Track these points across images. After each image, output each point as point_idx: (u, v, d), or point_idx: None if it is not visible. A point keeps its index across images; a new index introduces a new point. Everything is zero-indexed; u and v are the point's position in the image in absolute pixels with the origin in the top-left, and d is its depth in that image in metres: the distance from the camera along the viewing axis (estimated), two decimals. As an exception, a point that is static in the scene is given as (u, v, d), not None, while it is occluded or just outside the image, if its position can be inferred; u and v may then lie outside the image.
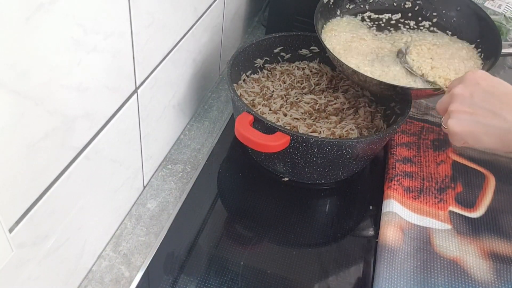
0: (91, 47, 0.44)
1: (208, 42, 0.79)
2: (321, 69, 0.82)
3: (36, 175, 0.42)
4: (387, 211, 0.66)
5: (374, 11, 0.81)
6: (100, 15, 0.44)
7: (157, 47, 0.60)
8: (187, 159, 0.75)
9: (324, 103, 0.74)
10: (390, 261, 0.60)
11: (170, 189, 0.70)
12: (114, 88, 0.52)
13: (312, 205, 0.70)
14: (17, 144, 0.38)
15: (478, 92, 0.51)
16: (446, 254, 0.61)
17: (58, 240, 0.49)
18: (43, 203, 0.44)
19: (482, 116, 0.50)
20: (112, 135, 0.54)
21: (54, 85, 0.40)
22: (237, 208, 0.67)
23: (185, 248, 0.61)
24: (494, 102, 0.50)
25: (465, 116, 0.52)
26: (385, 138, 0.68)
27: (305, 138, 0.61)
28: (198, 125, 0.81)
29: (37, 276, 0.48)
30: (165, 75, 0.65)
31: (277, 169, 0.70)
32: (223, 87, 0.90)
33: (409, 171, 0.72)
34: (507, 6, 0.96)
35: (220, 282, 0.57)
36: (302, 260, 0.61)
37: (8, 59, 0.34)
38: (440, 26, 0.79)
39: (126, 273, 0.59)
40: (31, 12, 0.35)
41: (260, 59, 0.80)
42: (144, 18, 0.54)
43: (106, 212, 0.59)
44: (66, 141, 0.45)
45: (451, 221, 0.66)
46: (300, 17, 0.91)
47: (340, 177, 0.71)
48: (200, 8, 0.71)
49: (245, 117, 0.62)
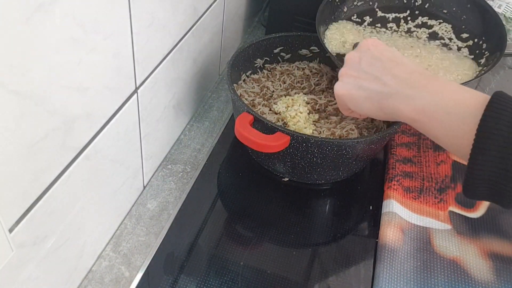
0: (91, 47, 0.44)
1: (208, 42, 0.79)
2: (321, 69, 0.82)
3: (36, 175, 0.42)
4: (387, 211, 0.66)
5: (382, 9, 0.80)
6: (100, 15, 0.44)
7: (157, 47, 0.60)
8: (187, 159, 0.75)
9: (324, 103, 0.74)
10: (390, 261, 0.60)
11: (170, 189, 0.70)
12: (114, 88, 0.52)
13: (312, 205, 0.70)
14: (17, 144, 0.38)
15: (366, 57, 0.52)
16: (446, 254, 0.62)
17: (58, 240, 0.49)
18: (43, 203, 0.44)
19: (364, 80, 0.51)
20: (112, 135, 0.54)
21: (54, 85, 0.40)
22: (237, 208, 0.67)
23: (185, 248, 0.61)
24: (378, 67, 0.50)
25: (350, 79, 0.52)
26: (385, 138, 0.68)
27: (305, 138, 0.61)
28: (198, 125, 0.81)
29: (37, 276, 0.48)
30: (165, 75, 0.65)
31: (277, 169, 0.70)
32: (223, 87, 0.90)
33: (409, 171, 0.72)
34: (507, 6, 0.96)
35: (220, 282, 0.57)
36: (302, 260, 0.61)
37: (8, 59, 0.34)
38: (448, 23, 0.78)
39: (126, 273, 0.59)
40: (31, 12, 0.35)
41: (260, 59, 0.80)
42: (144, 18, 0.54)
43: (106, 212, 0.59)
44: (66, 141, 0.45)
45: (451, 221, 0.66)
46: (300, 17, 0.91)
47: (340, 177, 0.71)
48: (200, 8, 0.71)
49: (245, 117, 0.62)
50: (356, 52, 0.54)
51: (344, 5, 0.79)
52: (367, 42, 0.54)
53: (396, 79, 0.48)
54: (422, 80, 0.46)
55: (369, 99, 0.50)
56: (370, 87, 0.50)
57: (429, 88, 0.45)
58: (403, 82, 0.47)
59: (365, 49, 0.53)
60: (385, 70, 0.50)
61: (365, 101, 0.51)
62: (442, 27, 0.78)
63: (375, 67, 0.51)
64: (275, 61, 0.82)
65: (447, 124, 0.43)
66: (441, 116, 0.43)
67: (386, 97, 0.48)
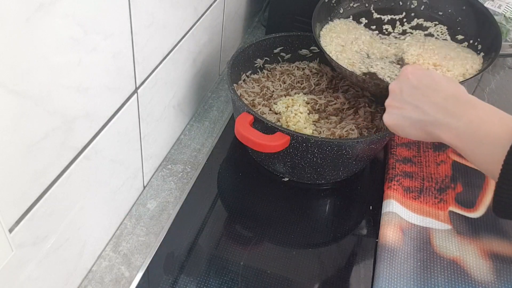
0: (91, 47, 0.44)
1: (208, 42, 0.79)
2: (321, 69, 0.82)
3: (36, 175, 0.42)
4: (387, 211, 0.66)
5: (378, 10, 0.81)
6: (100, 15, 0.44)
7: (157, 47, 0.60)
8: (187, 159, 0.75)
9: (324, 103, 0.74)
10: (390, 261, 0.60)
11: (170, 189, 0.70)
12: (114, 88, 0.52)
13: (312, 205, 0.70)
14: (17, 144, 0.38)
15: (406, 87, 0.56)
16: (446, 254, 0.62)
17: (58, 240, 0.49)
18: (43, 203, 0.44)
19: (407, 110, 0.55)
20: (112, 135, 0.54)
21: (54, 85, 0.40)
22: (237, 208, 0.67)
23: (185, 248, 0.61)
24: (417, 96, 0.54)
25: (394, 110, 0.57)
26: (385, 138, 0.68)
27: (305, 138, 0.61)
28: (198, 125, 0.81)
29: (37, 276, 0.48)
30: (165, 75, 0.65)
31: (277, 169, 0.70)
32: (223, 87, 0.90)
33: (409, 171, 0.72)
34: (507, 6, 0.96)
35: (220, 282, 0.57)
36: (302, 260, 0.61)
37: (8, 59, 0.34)
38: (444, 24, 0.79)
39: (126, 273, 0.59)
40: (31, 12, 0.35)
41: (260, 59, 0.80)
42: (144, 18, 0.54)
43: (106, 212, 0.59)
44: (66, 141, 0.45)
45: (451, 221, 0.66)
46: (300, 17, 0.91)
47: (340, 177, 0.71)
48: (200, 8, 0.71)
49: (245, 117, 0.62)
50: (397, 83, 0.57)
51: (340, 7, 0.79)
52: (406, 71, 0.57)
53: (435, 106, 0.52)
54: (458, 106, 0.50)
55: (413, 127, 0.54)
56: (412, 116, 0.54)
57: (464, 117, 0.49)
58: (441, 109, 0.51)
59: (404, 78, 0.56)
60: (424, 98, 0.53)
61: (411, 129, 0.55)
62: (437, 29, 0.78)
63: (415, 96, 0.54)
64: (275, 61, 0.82)
65: (479, 152, 0.47)
66: (474, 145, 0.48)
67: (427, 124, 0.52)
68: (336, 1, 0.78)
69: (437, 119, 0.51)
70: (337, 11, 0.79)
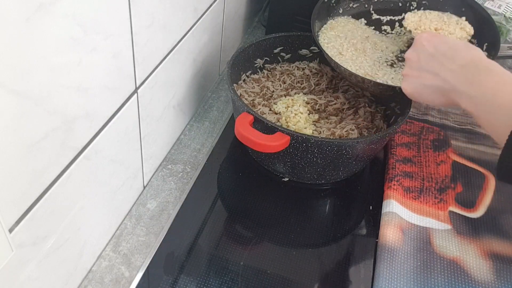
0: (91, 47, 0.44)
1: (208, 42, 0.79)
2: (321, 69, 0.82)
3: (36, 175, 0.42)
4: (387, 211, 0.66)
5: (377, 11, 0.81)
6: (100, 15, 0.44)
7: (157, 47, 0.60)
8: (187, 159, 0.75)
9: (324, 103, 0.74)
10: (390, 261, 0.60)
11: (170, 189, 0.70)
12: (114, 88, 0.52)
13: (312, 205, 0.70)
14: (17, 144, 0.38)
15: (423, 55, 0.57)
16: (446, 254, 0.62)
17: (58, 240, 0.49)
18: (43, 203, 0.44)
19: (426, 78, 0.56)
20: (112, 135, 0.54)
21: (54, 85, 0.40)
22: (237, 208, 0.67)
23: (185, 248, 0.61)
24: (435, 64, 0.55)
25: (413, 79, 0.58)
26: (385, 138, 0.68)
27: (305, 138, 0.61)
28: (198, 125, 0.81)
29: (37, 276, 0.48)
30: (165, 75, 0.65)
31: (277, 169, 0.70)
32: (223, 87, 0.90)
33: (409, 171, 0.72)
34: (507, 6, 0.96)
35: (220, 282, 0.57)
36: (302, 260, 0.61)
37: (8, 59, 0.34)
38: None
39: (126, 273, 0.59)
40: (31, 12, 0.35)
41: (260, 59, 0.80)
42: (144, 18, 0.54)
43: (106, 212, 0.59)
44: (66, 141, 0.45)
45: (451, 221, 0.66)
46: (300, 17, 0.91)
47: (340, 177, 0.71)
48: (200, 8, 0.71)
49: (245, 117, 0.62)
50: (414, 51, 0.58)
51: (339, 7, 0.79)
52: (421, 38, 0.58)
53: (453, 73, 0.53)
54: (475, 74, 0.51)
55: (435, 94, 0.56)
56: (433, 84, 0.55)
57: (481, 86, 0.50)
58: (459, 76, 0.52)
59: (420, 46, 0.57)
60: (442, 67, 0.54)
61: (432, 96, 0.56)
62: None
63: (431, 65, 0.55)
64: (275, 61, 0.82)
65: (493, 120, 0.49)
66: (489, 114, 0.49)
67: (447, 92, 0.54)
68: (335, 1, 0.78)
69: (455, 87, 0.52)
70: (336, 11, 0.79)
